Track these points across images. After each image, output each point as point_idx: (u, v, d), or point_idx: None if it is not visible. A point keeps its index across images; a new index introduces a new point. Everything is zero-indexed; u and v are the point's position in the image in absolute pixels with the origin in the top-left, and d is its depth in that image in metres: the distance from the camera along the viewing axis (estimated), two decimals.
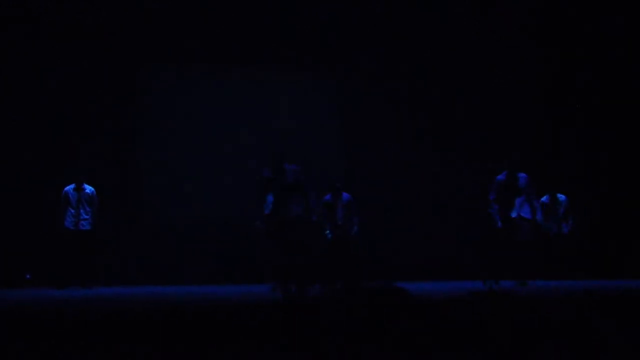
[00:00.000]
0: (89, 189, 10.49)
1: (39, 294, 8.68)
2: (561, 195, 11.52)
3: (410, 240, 12.47)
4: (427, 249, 12.46)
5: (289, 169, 9.17)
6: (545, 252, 11.05)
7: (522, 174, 10.01)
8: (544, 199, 11.43)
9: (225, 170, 11.95)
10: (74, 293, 9.03)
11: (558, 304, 5.46)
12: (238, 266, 11.05)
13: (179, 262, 11.74)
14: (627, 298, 5.23)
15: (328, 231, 10.87)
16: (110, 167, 11.65)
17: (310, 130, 12.56)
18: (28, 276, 10.86)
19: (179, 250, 11.79)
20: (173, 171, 12.05)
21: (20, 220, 11.20)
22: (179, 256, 11.78)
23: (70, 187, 10.46)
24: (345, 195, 11.03)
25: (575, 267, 10.77)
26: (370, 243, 11.70)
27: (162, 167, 12.05)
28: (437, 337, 2.47)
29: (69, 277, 10.24)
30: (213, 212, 11.26)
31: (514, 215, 9.89)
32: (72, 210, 10.37)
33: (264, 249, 9.22)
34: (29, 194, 11.28)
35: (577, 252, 11.24)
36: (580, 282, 9.74)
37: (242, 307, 4.94)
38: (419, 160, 12.71)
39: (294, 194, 9.10)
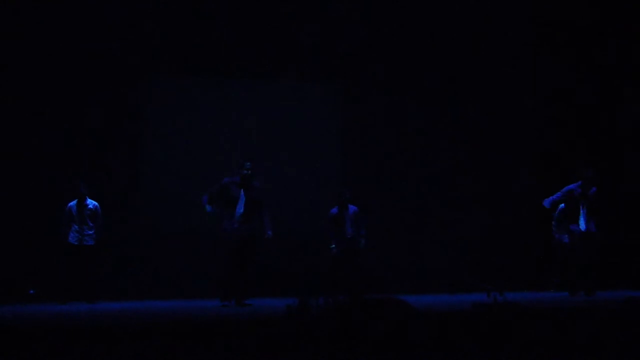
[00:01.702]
0: (92, 204, 10.48)
1: (42, 309, 8.67)
2: None
3: (411, 250, 12.46)
4: (429, 261, 12.44)
5: (255, 185, 9.07)
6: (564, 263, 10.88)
7: (593, 187, 9.99)
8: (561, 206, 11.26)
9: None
10: (78, 308, 9.00)
11: (564, 315, 5.43)
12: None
13: (182, 274, 11.70)
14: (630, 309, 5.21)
15: (333, 245, 10.81)
16: (111, 177, 11.63)
17: (311, 140, 12.55)
18: (32, 291, 10.83)
19: (181, 262, 11.75)
20: (174, 181, 12.02)
21: (24, 234, 11.17)
22: (182, 269, 11.74)
23: (73, 203, 10.45)
24: (351, 207, 10.95)
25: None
26: (372, 254, 11.66)
27: (164, 177, 12.02)
28: (441, 349, 2.46)
29: (72, 292, 10.22)
30: (213, 223, 11.17)
31: (583, 228, 9.86)
32: (76, 226, 10.36)
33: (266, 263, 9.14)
34: (31, 206, 11.26)
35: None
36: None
37: (246, 321, 4.92)
38: (420, 169, 12.70)
39: (255, 210, 9.00)
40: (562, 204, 10.86)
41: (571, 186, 10.03)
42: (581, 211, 9.93)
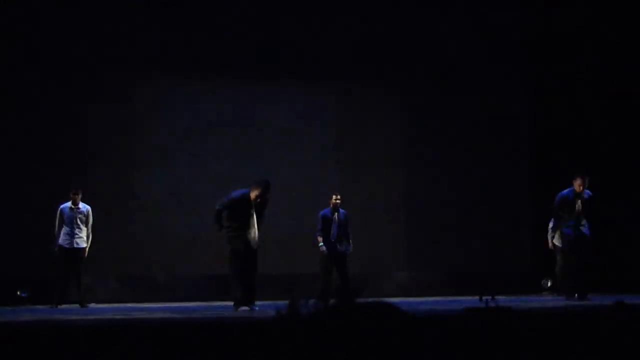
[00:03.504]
0: (84, 207, 10.39)
1: (35, 312, 8.64)
2: None
3: (405, 254, 12.45)
4: (424, 265, 12.43)
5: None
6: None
7: (587, 191, 9.96)
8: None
9: (222, 184, 11.90)
10: (70, 311, 8.98)
11: (554, 320, 5.43)
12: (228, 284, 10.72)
13: (174, 278, 11.68)
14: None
15: (322, 244, 10.80)
16: (107, 180, 11.57)
17: (306, 145, 12.53)
18: (23, 294, 10.76)
19: (174, 266, 11.72)
20: (169, 185, 11.99)
21: (16, 236, 11.12)
22: (175, 272, 11.71)
23: (65, 205, 10.35)
24: (341, 211, 11.00)
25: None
26: (366, 257, 11.64)
27: (158, 181, 11.99)
28: (432, 354, 2.45)
29: (65, 295, 10.14)
30: (209, 227, 11.11)
31: (578, 232, 9.84)
32: (67, 229, 10.27)
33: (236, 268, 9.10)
34: (23, 208, 11.20)
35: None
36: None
37: (235, 325, 4.91)
38: (415, 176, 12.70)
39: (260, 218, 9.14)
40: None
41: (564, 192, 10.04)
42: (575, 216, 9.92)
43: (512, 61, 13.15)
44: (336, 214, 10.90)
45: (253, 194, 9.03)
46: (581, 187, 9.89)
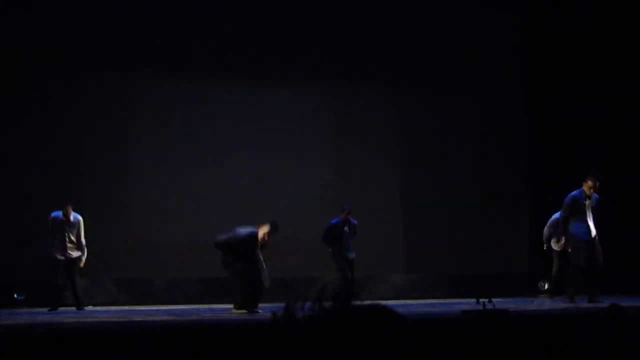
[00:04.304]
0: (75, 219, 10.31)
1: (31, 315, 8.63)
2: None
3: (403, 256, 12.46)
4: (421, 267, 12.44)
5: None
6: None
7: (595, 194, 9.85)
8: (556, 215, 11.09)
9: (220, 187, 11.89)
10: (67, 314, 8.96)
11: (552, 321, 5.43)
12: (226, 287, 10.69)
13: (171, 281, 11.67)
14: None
15: (340, 254, 10.86)
16: (103, 183, 11.56)
17: (304, 146, 12.53)
18: (20, 297, 10.72)
19: (171, 269, 11.71)
20: (166, 188, 11.99)
21: (12, 239, 11.10)
22: (172, 275, 11.70)
23: (57, 214, 10.27)
24: (352, 221, 11.03)
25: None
26: (364, 259, 11.65)
27: (155, 184, 11.98)
28: (429, 357, 2.45)
29: (62, 298, 10.11)
30: (206, 231, 11.11)
31: (588, 235, 9.75)
32: (59, 241, 10.18)
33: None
34: (20, 211, 11.19)
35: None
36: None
37: (232, 327, 4.91)
38: (411, 178, 12.71)
39: None
40: (557, 214, 10.79)
41: (574, 193, 9.92)
42: (585, 218, 9.82)
43: (510, 62, 13.20)
44: (346, 226, 10.93)
45: (261, 233, 8.97)
46: (592, 190, 9.79)
